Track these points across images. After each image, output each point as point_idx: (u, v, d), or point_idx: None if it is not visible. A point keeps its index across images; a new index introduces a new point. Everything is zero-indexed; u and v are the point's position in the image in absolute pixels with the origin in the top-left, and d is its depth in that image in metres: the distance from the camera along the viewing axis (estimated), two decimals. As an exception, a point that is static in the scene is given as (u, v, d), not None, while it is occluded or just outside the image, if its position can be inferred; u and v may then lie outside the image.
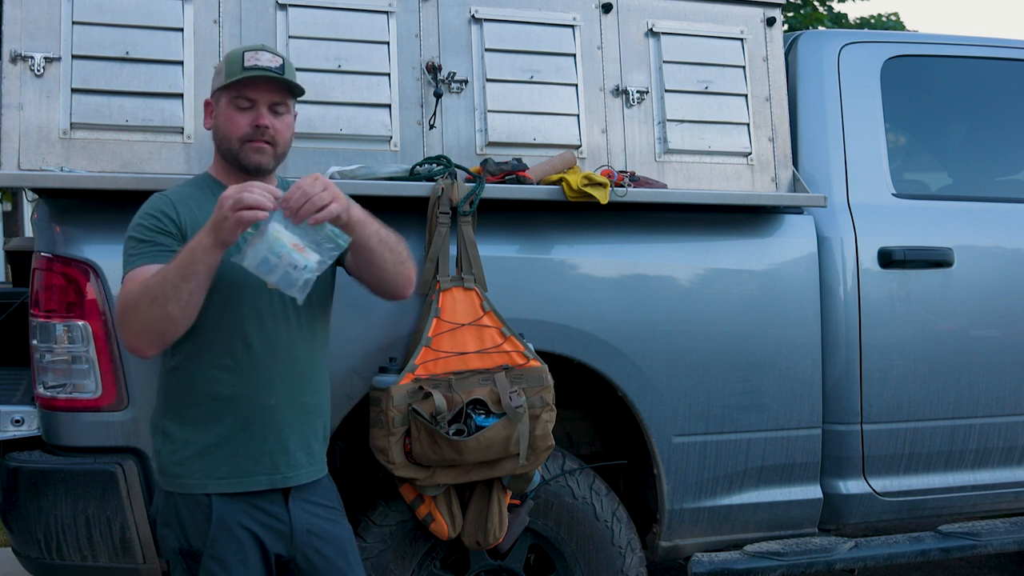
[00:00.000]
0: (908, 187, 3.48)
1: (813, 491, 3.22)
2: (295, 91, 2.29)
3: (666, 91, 3.07)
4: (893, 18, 12.99)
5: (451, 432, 2.54)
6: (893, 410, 3.25)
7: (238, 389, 2.21)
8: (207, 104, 2.33)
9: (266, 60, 2.24)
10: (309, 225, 2.02)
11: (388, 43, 2.85)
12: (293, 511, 2.27)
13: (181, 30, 2.68)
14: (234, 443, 2.22)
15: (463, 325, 2.67)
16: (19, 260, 4.11)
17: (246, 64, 2.22)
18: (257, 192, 1.99)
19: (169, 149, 2.67)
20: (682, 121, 3.07)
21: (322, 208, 2.03)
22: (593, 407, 3.25)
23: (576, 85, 3.00)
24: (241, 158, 2.25)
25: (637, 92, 3.05)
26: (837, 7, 12.95)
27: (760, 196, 3.14)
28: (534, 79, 2.95)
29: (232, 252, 2.09)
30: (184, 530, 2.21)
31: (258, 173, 2.25)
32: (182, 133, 2.67)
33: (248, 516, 2.22)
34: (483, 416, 2.58)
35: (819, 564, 3.18)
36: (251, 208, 1.97)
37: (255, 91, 2.24)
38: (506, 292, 2.78)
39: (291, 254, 1.99)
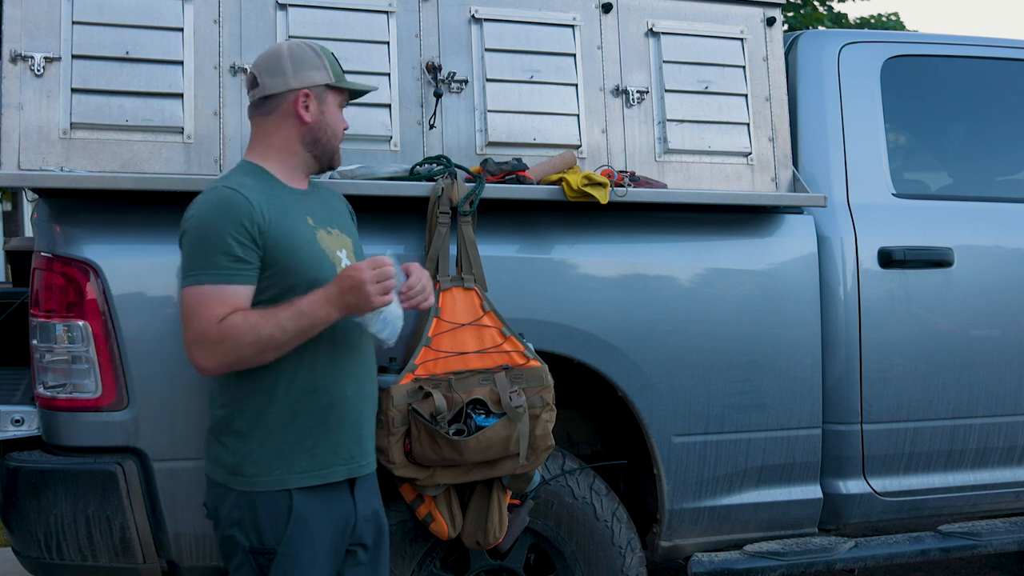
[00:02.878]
0: (908, 187, 3.49)
1: (813, 491, 3.22)
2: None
3: (666, 91, 3.07)
4: (893, 18, 12.99)
5: (451, 432, 2.54)
6: (893, 410, 3.25)
7: (320, 383, 2.25)
8: (308, 95, 2.30)
9: None
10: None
11: (388, 43, 2.85)
12: (358, 499, 2.35)
13: (181, 30, 2.68)
14: (314, 437, 2.25)
15: (463, 325, 2.67)
16: (19, 260, 4.11)
17: (344, 69, 2.39)
18: (391, 276, 2.16)
19: (169, 149, 2.67)
20: (682, 121, 3.07)
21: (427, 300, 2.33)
22: (593, 407, 3.25)
23: (576, 85, 3.00)
24: (335, 159, 2.38)
25: (637, 92, 3.05)
26: (837, 7, 12.96)
27: (760, 196, 3.14)
28: (534, 79, 2.95)
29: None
30: (259, 529, 2.22)
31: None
32: (182, 133, 2.67)
33: (324, 510, 2.27)
34: (483, 416, 2.58)
35: (819, 564, 3.18)
36: (389, 292, 2.16)
37: (347, 96, 2.41)
38: (506, 292, 2.78)
39: (401, 313, 2.26)
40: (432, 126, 2.85)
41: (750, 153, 3.15)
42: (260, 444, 2.23)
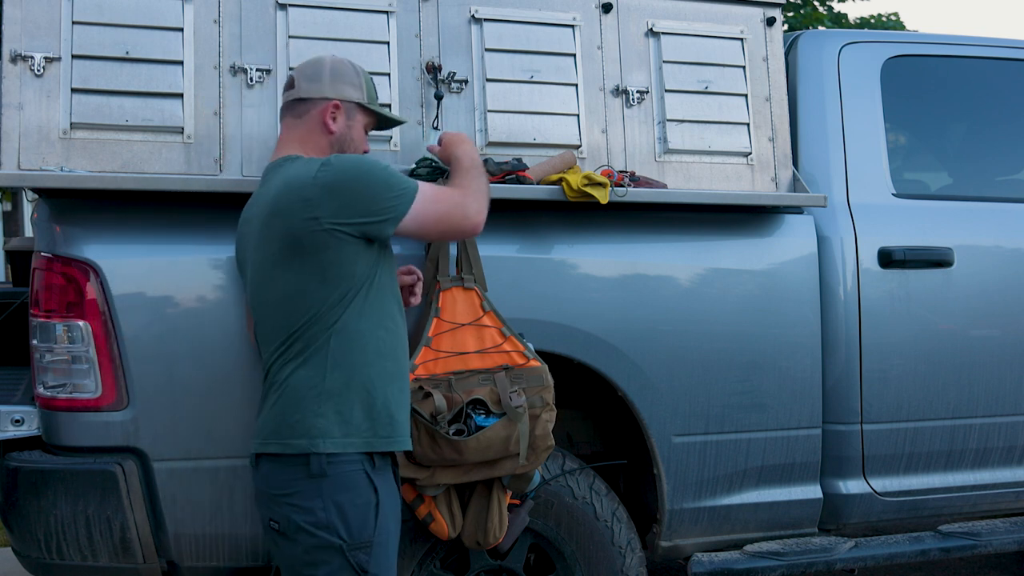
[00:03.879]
0: (908, 187, 3.48)
1: (813, 491, 3.22)
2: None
3: (666, 91, 3.07)
4: (893, 18, 12.99)
5: (451, 432, 2.54)
6: (893, 410, 3.25)
7: (399, 349, 2.39)
8: (337, 106, 2.43)
9: None
10: None
11: (388, 43, 2.85)
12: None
13: (181, 30, 2.68)
14: (396, 405, 2.35)
15: (463, 325, 2.67)
16: (19, 260, 4.11)
17: (379, 98, 2.55)
18: None
19: (169, 149, 2.67)
20: (682, 121, 3.07)
21: None
22: (593, 407, 3.25)
23: (576, 85, 2.99)
24: None
25: (637, 92, 3.05)
26: (837, 7, 12.96)
27: (760, 196, 3.14)
28: (534, 79, 2.95)
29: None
30: (348, 524, 2.24)
31: None
32: (182, 133, 2.67)
33: (393, 493, 2.37)
34: (483, 416, 2.58)
35: (819, 564, 3.18)
36: None
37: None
38: (506, 292, 2.78)
39: None
40: (436, 127, 2.85)
41: (750, 153, 3.15)
42: (352, 407, 2.25)
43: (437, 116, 2.85)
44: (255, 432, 2.33)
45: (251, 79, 2.72)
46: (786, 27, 7.71)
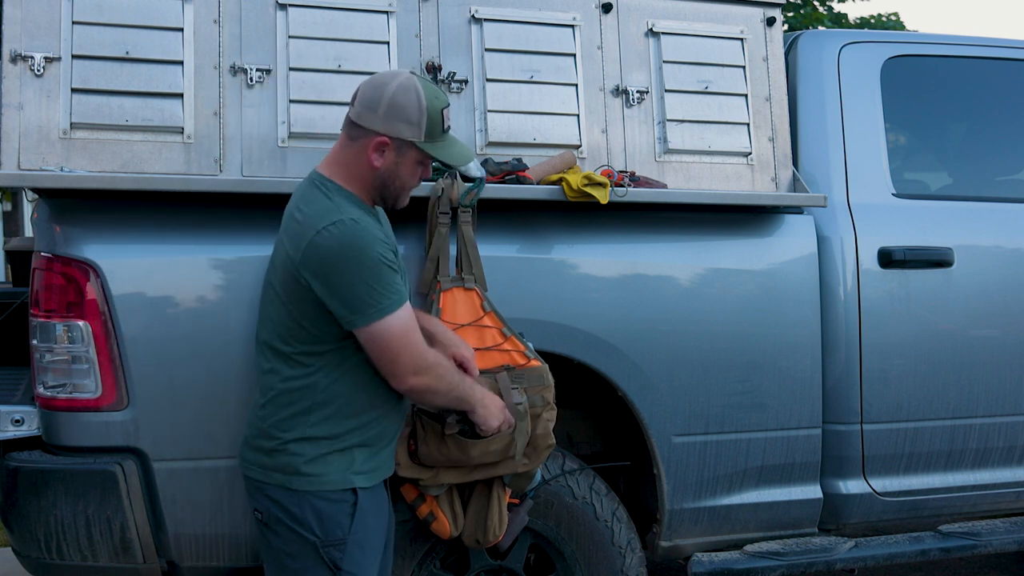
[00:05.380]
0: (908, 187, 3.48)
1: (813, 491, 3.22)
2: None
3: (666, 91, 3.07)
4: (893, 18, 12.99)
5: (456, 432, 2.54)
6: (893, 410, 3.25)
7: (391, 393, 2.35)
8: (384, 143, 2.28)
9: (453, 121, 2.50)
10: None
11: (388, 43, 2.85)
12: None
13: (181, 30, 2.68)
14: (380, 441, 2.37)
15: (464, 325, 2.67)
16: (19, 260, 4.11)
17: (445, 125, 2.33)
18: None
19: (169, 149, 2.67)
20: (682, 121, 3.07)
21: None
22: (593, 407, 3.25)
23: (576, 85, 2.99)
24: (398, 204, 2.40)
25: (637, 92, 3.05)
26: (837, 7, 12.96)
27: (760, 196, 3.14)
28: (534, 79, 2.95)
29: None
30: (324, 524, 2.28)
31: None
32: (182, 133, 2.67)
33: (379, 505, 2.39)
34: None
35: (819, 564, 3.18)
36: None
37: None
38: (506, 292, 2.78)
39: None
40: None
41: (750, 153, 3.15)
42: (329, 450, 2.29)
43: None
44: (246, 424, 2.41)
45: (251, 79, 2.72)
46: (786, 27, 7.71)
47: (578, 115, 2.99)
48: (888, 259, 3.23)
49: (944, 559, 3.46)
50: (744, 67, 3.15)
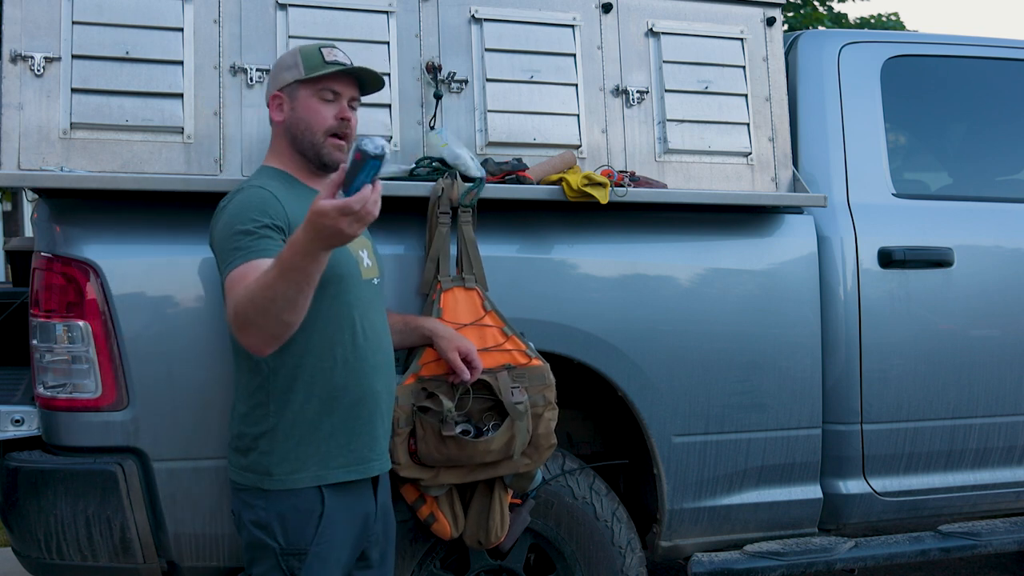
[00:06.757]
0: (908, 187, 3.48)
1: (813, 491, 3.22)
2: (369, 88, 2.42)
3: (666, 91, 3.07)
4: (893, 18, 13.00)
5: (458, 432, 2.54)
6: (893, 410, 3.25)
7: (350, 379, 2.26)
8: (276, 97, 2.36)
9: (342, 57, 2.36)
10: None
11: (388, 43, 2.85)
12: (379, 493, 2.39)
13: (181, 30, 2.68)
14: (348, 432, 2.27)
15: (465, 325, 2.67)
16: (19, 260, 4.11)
17: (327, 59, 2.32)
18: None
19: (169, 149, 2.67)
20: (682, 121, 3.07)
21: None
22: (593, 407, 3.25)
23: (576, 85, 2.99)
24: (323, 153, 2.33)
25: (637, 92, 3.05)
26: (837, 7, 12.96)
27: (760, 196, 3.14)
28: (534, 79, 2.95)
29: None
30: (287, 530, 2.22)
31: (333, 169, 2.25)
32: (182, 133, 2.67)
33: (352, 507, 2.30)
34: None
35: (819, 564, 3.18)
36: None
37: (339, 85, 2.34)
38: (506, 292, 2.78)
39: None
40: (432, 127, 2.85)
41: (750, 153, 3.15)
42: (297, 443, 2.24)
43: (435, 116, 2.85)
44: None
45: (251, 79, 2.72)
46: (786, 27, 7.70)
47: (578, 115, 2.99)
48: (888, 259, 3.23)
49: (944, 559, 3.46)
50: (744, 67, 3.15)
